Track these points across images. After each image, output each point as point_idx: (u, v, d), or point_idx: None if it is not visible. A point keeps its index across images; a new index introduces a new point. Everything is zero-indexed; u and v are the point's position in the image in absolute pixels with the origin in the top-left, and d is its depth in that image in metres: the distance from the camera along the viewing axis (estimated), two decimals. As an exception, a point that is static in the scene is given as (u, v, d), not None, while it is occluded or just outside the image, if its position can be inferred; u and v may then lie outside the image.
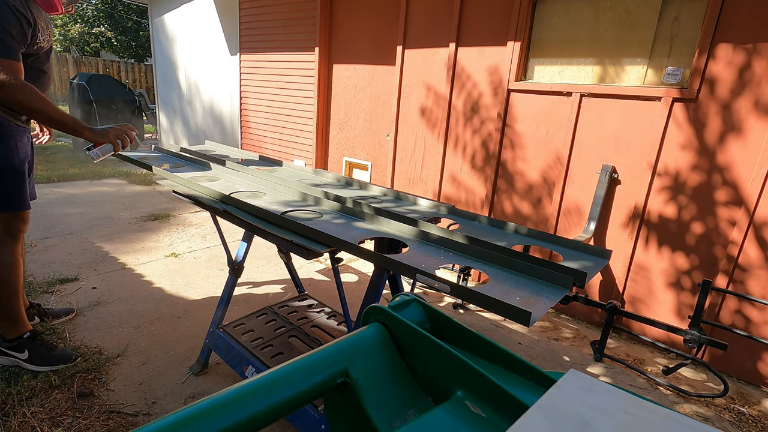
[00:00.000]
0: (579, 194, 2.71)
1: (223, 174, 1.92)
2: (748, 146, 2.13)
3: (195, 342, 2.25)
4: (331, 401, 0.64)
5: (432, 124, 3.39)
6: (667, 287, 2.46)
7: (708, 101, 2.21)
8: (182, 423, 0.45)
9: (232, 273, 2.01)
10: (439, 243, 1.23)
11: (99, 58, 15.24)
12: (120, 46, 17.95)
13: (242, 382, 0.52)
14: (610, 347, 2.52)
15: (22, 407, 1.72)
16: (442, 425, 0.51)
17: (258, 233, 1.41)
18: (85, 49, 17.62)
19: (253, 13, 4.81)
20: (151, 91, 14.25)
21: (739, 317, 2.27)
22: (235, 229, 3.68)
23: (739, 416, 2.03)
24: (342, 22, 3.94)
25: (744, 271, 2.22)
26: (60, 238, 3.48)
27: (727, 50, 2.13)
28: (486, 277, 1.05)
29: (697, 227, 2.32)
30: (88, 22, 17.38)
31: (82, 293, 2.66)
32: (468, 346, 0.64)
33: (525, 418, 0.44)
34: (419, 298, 0.71)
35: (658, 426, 0.44)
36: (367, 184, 1.89)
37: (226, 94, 5.52)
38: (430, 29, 3.27)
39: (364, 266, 3.45)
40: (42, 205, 4.24)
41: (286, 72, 4.55)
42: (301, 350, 1.89)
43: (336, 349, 0.60)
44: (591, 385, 0.49)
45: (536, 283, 1.02)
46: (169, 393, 1.90)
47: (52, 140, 4.04)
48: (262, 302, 2.72)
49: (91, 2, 17.61)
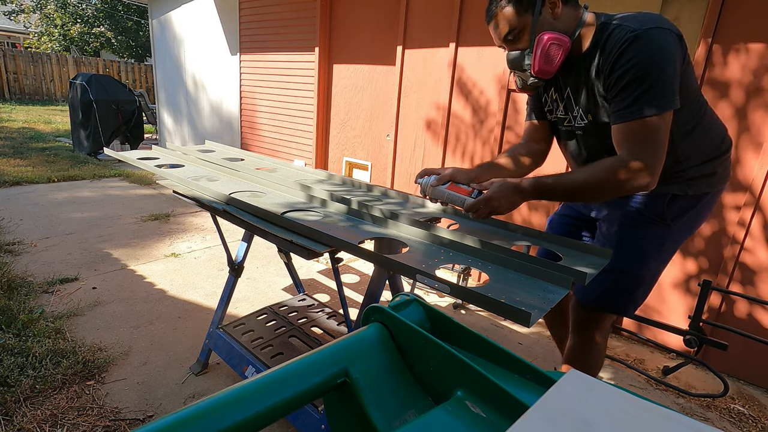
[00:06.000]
0: (579, 194, 2.71)
1: (223, 174, 1.92)
2: (749, 146, 2.13)
3: (195, 342, 2.25)
4: (331, 401, 0.64)
5: (432, 124, 3.39)
6: (668, 287, 2.46)
7: (708, 101, 2.20)
8: (182, 423, 0.45)
9: (232, 273, 2.01)
10: (439, 243, 1.23)
11: (99, 58, 15.25)
12: (120, 46, 17.96)
13: (242, 382, 0.52)
14: (610, 347, 2.51)
15: (22, 408, 1.72)
16: (442, 425, 0.51)
17: (258, 233, 1.41)
18: (85, 49, 17.63)
19: (253, 12, 4.81)
20: (151, 91, 14.27)
21: (740, 317, 2.27)
22: (235, 229, 3.68)
23: (739, 416, 2.03)
24: (342, 22, 3.94)
25: (745, 271, 2.22)
26: (60, 238, 3.48)
27: (727, 50, 2.13)
28: (486, 277, 1.05)
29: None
30: (88, 22, 17.38)
31: (82, 293, 2.66)
32: (468, 346, 0.64)
33: (525, 418, 0.44)
34: (419, 298, 0.71)
35: (658, 426, 0.44)
36: (367, 184, 1.89)
37: (227, 93, 5.52)
38: (430, 29, 3.27)
39: (364, 266, 3.45)
40: (42, 205, 4.24)
41: (286, 72, 4.55)
42: (301, 350, 1.89)
43: (336, 349, 0.60)
44: (591, 385, 0.49)
45: (536, 283, 1.02)
46: (169, 393, 1.90)
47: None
48: (262, 302, 2.72)
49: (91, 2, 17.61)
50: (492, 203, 1.26)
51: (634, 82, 1.13)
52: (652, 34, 1.11)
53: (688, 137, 1.27)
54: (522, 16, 1.23)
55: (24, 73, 13.82)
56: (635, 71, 1.12)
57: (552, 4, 1.21)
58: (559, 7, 1.21)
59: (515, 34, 1.27)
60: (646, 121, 1.13)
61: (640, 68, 1.11)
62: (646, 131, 1.14)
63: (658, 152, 1.15)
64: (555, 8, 1.21)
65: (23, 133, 8.29)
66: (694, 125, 1.27)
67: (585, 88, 1.28)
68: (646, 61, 1.11)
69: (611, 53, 1.16)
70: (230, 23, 5.20)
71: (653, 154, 1.15)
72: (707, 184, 1.32)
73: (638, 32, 1.12)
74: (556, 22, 1.23)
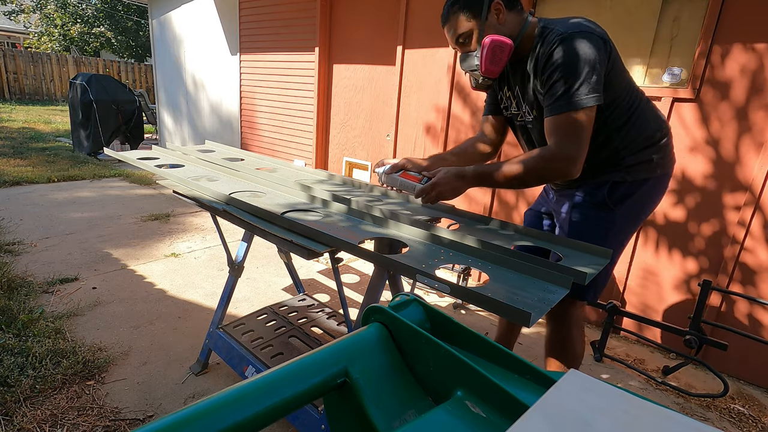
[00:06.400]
0: (579, 194, 2.71)
1: (223, 174, 1.92)
2: (749, 146, 2.13)
3: (195, 342, 2.26)
4: (331, 401, 0.64)
5: (432, 124, 3.39)
6: (668, 287, 2.46)
7: (708, 101, 2.21)
8: (182, 423, 0.45)
9: (232, 273, 2.01)
10: (439, 243, 1.23)
11: (99, 58, 15.25)
12: (120, 46, 17.96)
13: (242, 382, 0.52)
14: (610, 347, 2.51)
15: (22, 408, 1.72)
16: (442, 425, 0.51)
17: (258, 233, 1.41)
18: (85, 49, 17.63)
19: (253, 12, 4.81)
20: (151, 91, 14.27)
21: (740, 317, 2.27)
22: (235, 229, 3.69)
23: (739, 416, 2.03)
24: (342, 22, 3.94)
25: (745, 271, 2.22)
26: (60, 238, 3.48)
27: (727, 50, 2.13)
28: (486, 277, 1.05)
29: (699, 227, 2.32)
30: (88, 22, 17.38)
31: (82, 293, 2.66)
32: (468, 346, 0.64)
33: (525, 418, 0.44)
34: (419, 298, 0.71)
35: (658, 426, 0.44)
36: (367, 184, 1.89)
37: (227, 93, 5.52)
38: (430, 29, 3.27)
39: (364, 266, 3.45)
40: (42, 205, 4.24)
41: (286, 72, 4.55)
42: (301, 350, 1.89)
43: (336, 349, 0.60)
44: (591, 385, 0.49)
45: (536, 283, 1.02)
46: (169, 393, 1.90)
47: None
48: (262, 302, 2.72)
49: (91, 2, 17.61)
50: (437, 188, 1.40)
51: (559, 81, 1.26)
52: (576, 38, 1.25)
53: (622, 130, 1.39)
54: (471, 21, 1.37)
55: (24, 73, 13.82)
56: (561, 71, 1.25)
57: (497, 11, 1.35)
58: (503, 14, 1.35)
59: (465, 37, 1.40)
60: (569, 115, 1.26)
61: (564, 68, 1.25)
62: (570, 124, 1.27)
63: (580, 143, 1.28)
64: (500, 14, 1.35)
65: (23, 133, 8.29)
66: (627, 119, 1.39)
67: (529, 86, 1.41)
68: (570, 61, 1.24)
69: (543, 55, 1.30)
70: (230, 23, 5.20)
71: (576, 145, 1.28)
72: (646, 170, 1.43)
73: (564, 36, 1.25)
74: (501, 27, 1.36)
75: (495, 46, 1.33)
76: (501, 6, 1.34)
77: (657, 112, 1.45)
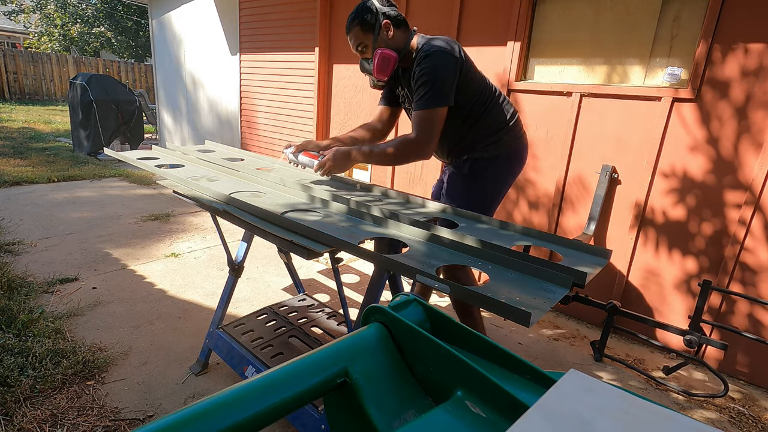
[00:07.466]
0: (579, 194, 2.71)
1: (223, 174, 1.92)
2: (749, 146, 2.13)
3: (195, 342, 2.26)
4: (331, 401, 0.64)
5: (432, 124, 3.38)
6: (668, 287, 2.46)
7: (708, 101, 2.21)
8: (182, 423, 0.45)
9: (232, 273, 2.01)
10: (439, 243, 1.23)
11: (99, 58, 15.25)
12: (120, 46, 17.95)
13: (242, 382, 0.52)
14: (610, 347, 2.52)
15: (22, 408, 1.72)
16: (442, 425, 0.51)
17: (258, 233, 1.41)
18: (85, 49, 17.62)
19: (253, 13, 4.81)
20: (151, 91, 14.27)
21: (740, 317, 2.27)
22: (235, 229, 3.69)
23: (739, 416, 2.03)
24: (342, 22, 3.94)
25: (745, 270, 2.22)
26: (60, 238, 3.48)
27: (727, 50, 2.13)
28: (486, 277, 1.05)
29: (699, 227, 2.32)
30: (88, 22, 17.37)
31: (82, 293, 2.66)
32: (468, 346, 0.64)
33: (525, 418, 0.44)
34: (419, 298, 0.71)
35: (658, 426, 0.44)
36: (367, 185, 1.89)
37: (227, 93, 5.52)
38: (429, 29, 3.27)
39: (364, 266, 3.45)
40: (42, 205, 4.24)
41: (286, 72, 4.55)
42: (301, 350, 1.89)
43: (336, 349, 0.60)
44: (591, 385, 0.49)
45: (536, 283, 1.02)
46: (169, 393, 1.90)
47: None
48: (262, 302, 2.72)
49: (91, 2, 17.60)
50: (328, 163, 1.75)
51: (421, 87, 1.66)
52: (435, 54, 1.63)
53: (475, 126, 1.79)
54: (366, 35, 1.72)
55: (24, 73, 13.82)
56: (422, 79, 1.65)
57: (386, 28, 1.70)
58: (391, 31, 1.71)
59: (362, 47, 1.76)
60: (426, 111, 1.66)
61: (424, 77, 1.64)
62: (425, 118, 1.67)
63: (432, 133, 1.68)
64: (388, 31, 1.71)
65: (23, 133, 8.29)
66: (483, 111, 1.77)
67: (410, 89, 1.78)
68: (428, 72, 1.63)
69: (414, 66, 1.68)
70: (230, 23, 5.20)
71: (429, 134, 1.68)
72: (496, 147, 1.81)
73: (428, 52, 1.64)
74: (390, 41, 1.72)
75: (383, 58, 1.69)
76: (390, 24, 1.69)
77: (506, 103, 1.84)
